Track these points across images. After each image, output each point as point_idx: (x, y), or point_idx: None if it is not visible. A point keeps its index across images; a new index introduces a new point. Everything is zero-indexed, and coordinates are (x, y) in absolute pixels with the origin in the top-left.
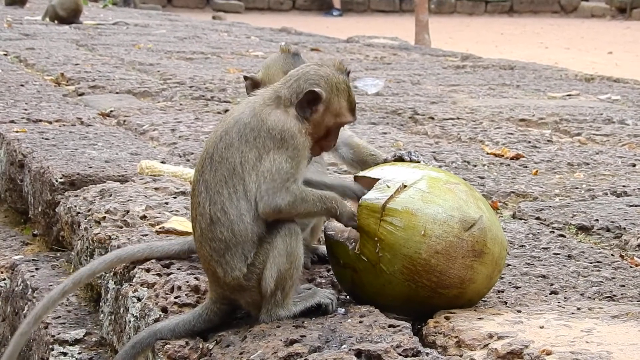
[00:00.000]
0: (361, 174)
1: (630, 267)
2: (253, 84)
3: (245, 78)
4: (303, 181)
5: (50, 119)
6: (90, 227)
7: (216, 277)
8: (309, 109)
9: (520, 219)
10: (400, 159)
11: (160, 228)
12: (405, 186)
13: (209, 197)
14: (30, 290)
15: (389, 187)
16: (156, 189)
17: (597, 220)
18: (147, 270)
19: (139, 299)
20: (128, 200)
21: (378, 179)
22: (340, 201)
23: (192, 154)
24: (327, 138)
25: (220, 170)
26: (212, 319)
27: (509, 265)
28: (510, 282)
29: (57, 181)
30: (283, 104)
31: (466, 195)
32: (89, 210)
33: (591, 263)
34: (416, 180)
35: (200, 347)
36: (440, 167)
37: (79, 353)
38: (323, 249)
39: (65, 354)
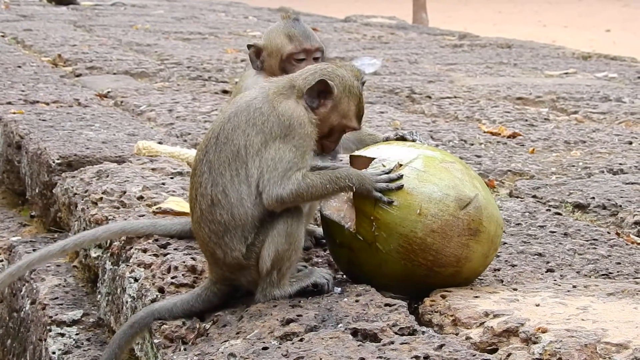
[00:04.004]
0: (357, 153)
1: (626, 244)
2: (256, 51)
3: (249, 46)
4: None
5: (48, 100)
6: (87, 208)
7: (215, 259)
8: (318, 100)
9: (517, 197)
10: (402, 138)
11: (157, 208)
12: (400, 165)
13: (211, 178)
14: (27, 271)
15: (384, 166)
16: (153, 169)
17: (593, 198)
18: (144, 251)
19: (136, 280)
20: (125, 181)
21: (374, 158)
22: (357, 175)
23: (189, 134)
24: (329, 138)
25: (225, 152)
26: (211, 300)
27: (505, 243)
28: (506, 261)
29: (54, 162)
30: (296, 94)
31: (462, 174)
32: (86, 191)
33: (587, 241)
34: (412, 159)
35: (197, 327)
36: (437, 146)
37: (77, 334)
38: (320, 231)
39: (62, 334)
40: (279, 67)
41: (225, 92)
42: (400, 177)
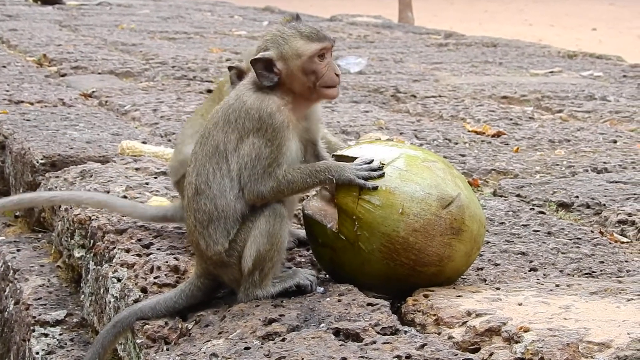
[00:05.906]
0: (339, 152)
1: (610, 243)
2: (238, 74)
3: (230, 68)
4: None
5: (32, 100)
6: (71, 208)
7: (200, 250)
8: (273, 74)
9: (501, 196)
10: None
11: None
12: (383, 164)
13: (196, 169)
14: (11, 271)
15: None
16: (137, 169)
17: (577, 197)
18: (127, 251)
19: (119, 280)
20: (109, 181)
21: (356, 158)
22: (336, 167)
23: (174, 134)
24: (322, 77)
25: (207, 146)
26: (195, 295)
27: (488, 242)
28: (489, 260)
29: (38, 162)
30: (259, 87)
31: (444, 173)
32: None
33: (571, 240)
34: (394, 158)
35: (180, 327)
36: (421, 145)
37: (60, 334)
38: (303, 233)
39: (46, 335)
40: None
41: (209, 91)
42: (382, 166)
